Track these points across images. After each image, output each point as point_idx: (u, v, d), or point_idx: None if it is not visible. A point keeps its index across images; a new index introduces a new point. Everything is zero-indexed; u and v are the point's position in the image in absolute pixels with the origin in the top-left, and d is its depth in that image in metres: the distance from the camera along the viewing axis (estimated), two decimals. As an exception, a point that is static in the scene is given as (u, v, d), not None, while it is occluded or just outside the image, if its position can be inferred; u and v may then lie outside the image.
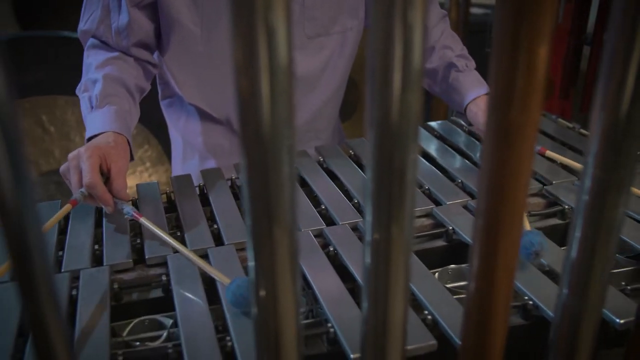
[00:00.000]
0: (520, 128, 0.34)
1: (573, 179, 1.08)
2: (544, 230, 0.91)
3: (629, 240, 0.88)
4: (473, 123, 1.27)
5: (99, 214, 1.04)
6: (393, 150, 0.34)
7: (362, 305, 0.41)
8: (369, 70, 0.32)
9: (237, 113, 0.31)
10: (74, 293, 0.82)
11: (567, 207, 1.00)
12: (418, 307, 0.77)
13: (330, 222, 1.00)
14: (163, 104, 1.40)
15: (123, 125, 1.06)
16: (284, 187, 0.33)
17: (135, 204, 1.07)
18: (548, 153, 1.15)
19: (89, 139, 1.03)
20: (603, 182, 0.40)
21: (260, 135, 0.31)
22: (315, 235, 0.94)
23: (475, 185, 1.07)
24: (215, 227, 0.99)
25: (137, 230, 1.00)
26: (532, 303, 0.76)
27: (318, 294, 0.78)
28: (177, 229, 1.01)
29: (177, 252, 0.90)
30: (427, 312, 0.75)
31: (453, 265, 0.90)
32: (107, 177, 0.98)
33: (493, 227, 0.38)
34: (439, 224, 0.99)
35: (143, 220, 0.95)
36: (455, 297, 0.77)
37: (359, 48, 1.35)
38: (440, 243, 0.95)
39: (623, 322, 0.70)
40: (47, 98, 2.18)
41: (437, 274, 0.88)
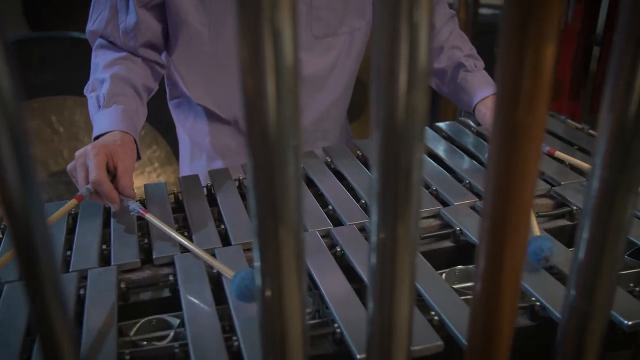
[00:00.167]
0: (527, 128, 0.34)
1: (582, 180, 1.08)
2: (552, 232, 0.91)
3: (638, 242, 0.87)
4: (482, 123, 1.27)
5: (107, 214, 1.04)
6: (399, 150, 0.34)
7: (367, 305, 0.41)
8: (375, 70, 0.32)
9: (243, 113, 0.31)
10: (82, 293, 0.83)
11: (575, 208, 1.00)
12: (425, 307, 0.76)
13: (338, 222, 1.00)
14: (171, 104, 1.41)
15: (130, 125, 1.06)
16: (290, 187, 0.33)
17: (143, 204, 1.08)
18: (557, 154, 1.15)
19: (96, 138, 1.04)
20: (611, 183, 0.39)
21: (266, 136, 0.31)
22: (323, 236, 0.94)
23: (483, 186, 1.06)
24: (223, 227, 0.99)
25: (144, 230, 1.00)
26: (539, 304, 0.76)
27: (325, 295, 0.78)
28: (184, 229, 1.01)
29: (184, 251, 0.90)
30: (434, 312, 0.74)
31: (460, 266, 0.89)
32: (113, 175, 0.98)
33: (499, 227, 0.38)
34: (447, 225, 0.98)
35: (149, 217, 0.95)
36: (462, 298, 0.77)
37: (367, 49, 1.35)
38: (448, 244, 0.95)
39: (631, 323, 0.70)
40: (56, 98, 2.18)
41: (444, 275, 0.88)
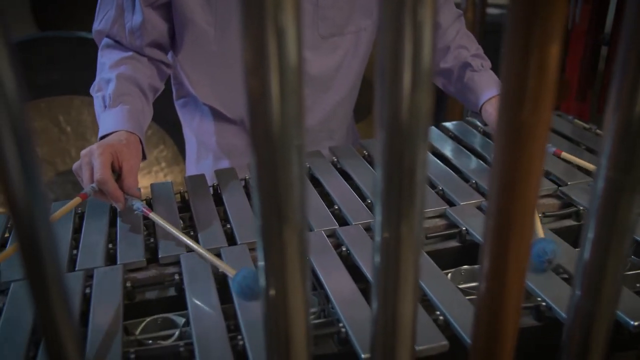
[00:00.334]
0: (532, 128, 0.34)
1: (589, 180, 1.07)
2: (559, 232, 0.91)
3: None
4: (488, 123, 1.26)
5: (113, 213, 1.05)
6: (403, 150, 0.34)
7: (371, 305, 0.41)
8: (379, 69, 0.32)
9: (247, 113, 0.31)
10: (88, 291, 0.83)
11: (582, 208, 0.99)
12: (430, 307, 0.76)
13: (343, 222, 0.99)
14: (177, 104, 1.41)
15: (136, 125, 1.06)
16: (294, 187, 0.33)
17: (149, 204, 1.08)
18: (564, 155, 1.14)
19: (102, 138, 1.04)
20: (616, 183, 0.39)
21: (270, 135, 0.31)
22: (328, 236, 0.94)
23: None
24: (229, 226, 0.99)
25: (150, 230, 1.01)
26: (545, 304, 0.75)
27: (330, 294, 0.78)
28: (190, 229, 1.01)
29: (190, 251, 0.90)
30: (439, 312, 0.74)
31: (466, 266, 0.89)
32: (118, 174, 0.98)
33: (504, 227, 0.38)
34: (453, 225, 0.98)
35: (153, 216, 0.96)
36: (468, 298, 0.77)
37: (374, 48, 1.35)
38: (454, 244, 0.95)
39: (637, 324, 0.69)
40: (63, 98, 2.19)
41: (449, 275, 0.87)
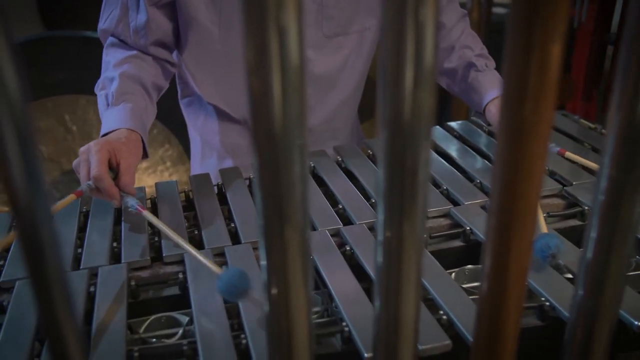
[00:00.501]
0: (533, 127, 0.34)
1: (593, 180, 1.07)
2: (563, 232, 0.91)
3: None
4: (492, 123, 1.26)
5: (118, 212, 1.05)
6: (405, 149, 0.34)
7: (374, 304, 0.41)
8: (381, 69, 0.32)
9: (249, 113, 0.31)
10: (92, 290, 0.83)
11: (586, 208, 0.99)
12: (433, 307, 0.76)
13: (348, 221, 1.00)
14: (182, 103, 1.41)
15: (138, 123, 1.06)
16: (295, 186, 0.33)
17: (154, 203, 1.08)
18: (568, 154, 1.14)
19: (104, 136, 1.04)
20: (619, 182, 0.39)
21: (272, 135, 0.31)
22: (332, 235, 0.94)
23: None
24: (233, 225, 0.99)
25: (155, 229, 1.01)
26: (548, 304, 0.75)
27: (334, 293, 0.78)
28: (194, 228, 1.02)
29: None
30: (442, 312, 0.74)
31: (470, 266, 0.89)
32: (116, 172, 0.98)
33: (506, 226, 0.38)
34: (457, 224, 0.98)
35: (146, 214, 0.95)
36: (472, 297, 0.77)
37: (378, 47, 1.35)
38: (458, 243, 0.95)
39: (641, 324, 0.69)
40: (69, 97, 2.20)
41: (453, 274, 0.87)
